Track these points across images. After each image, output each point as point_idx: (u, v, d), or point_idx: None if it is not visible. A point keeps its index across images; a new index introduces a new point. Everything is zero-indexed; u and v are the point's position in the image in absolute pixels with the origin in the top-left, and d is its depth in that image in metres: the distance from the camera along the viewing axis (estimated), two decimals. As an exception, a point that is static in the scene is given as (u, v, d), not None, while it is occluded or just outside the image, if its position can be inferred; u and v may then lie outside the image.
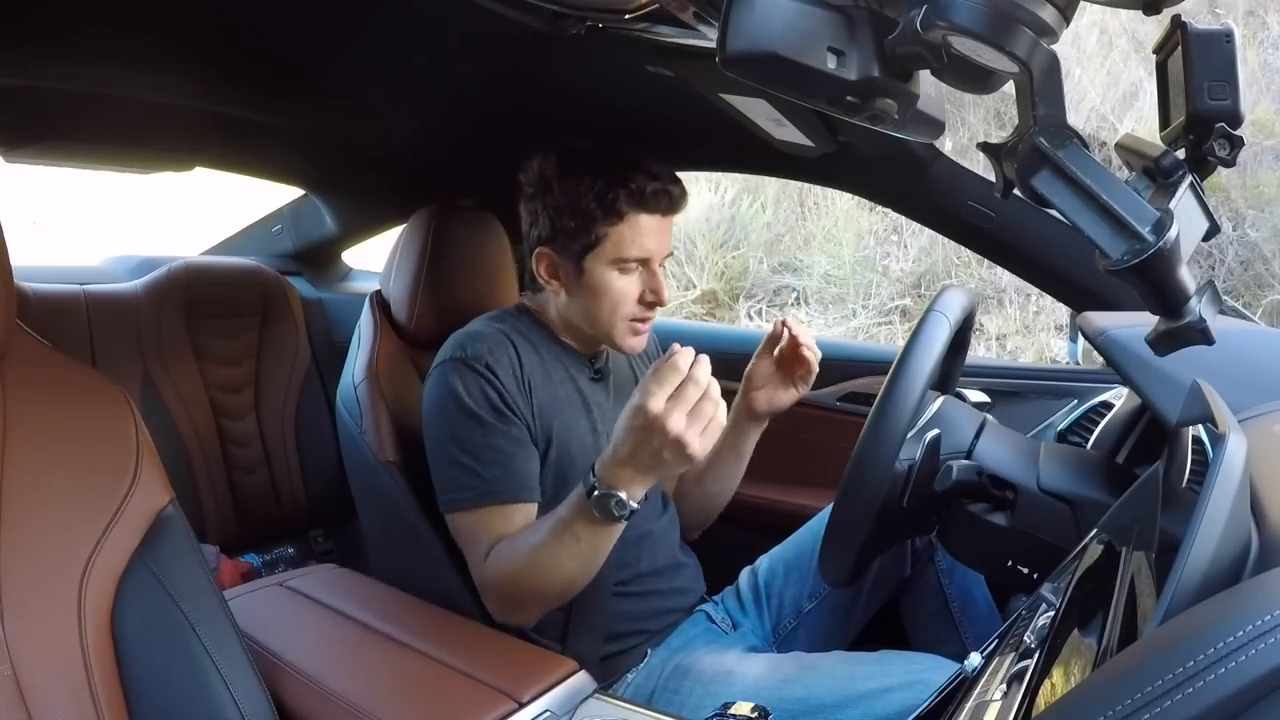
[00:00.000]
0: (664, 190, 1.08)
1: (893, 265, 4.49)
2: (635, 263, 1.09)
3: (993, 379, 1.50)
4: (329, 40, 1.15)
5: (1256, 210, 3.74)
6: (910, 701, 0.86)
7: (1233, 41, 0.52)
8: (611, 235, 1.07)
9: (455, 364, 1.08)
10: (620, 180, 1.06)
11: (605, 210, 1.06)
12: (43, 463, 0.72)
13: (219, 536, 1.82)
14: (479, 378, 1.06)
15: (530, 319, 1.19)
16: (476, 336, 1.10)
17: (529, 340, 1.14)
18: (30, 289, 1.63)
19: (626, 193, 1.06)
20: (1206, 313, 0.51)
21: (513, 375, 1.08)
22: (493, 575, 1.02)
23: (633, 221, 1.07)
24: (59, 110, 1.36)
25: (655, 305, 1.12)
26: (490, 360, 1.07)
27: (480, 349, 1.08)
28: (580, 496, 0.93)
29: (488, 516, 1.04)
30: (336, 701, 0.84)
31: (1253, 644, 0.33)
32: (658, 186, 1.07)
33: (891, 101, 0.53)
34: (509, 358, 1.09)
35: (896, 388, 0.90)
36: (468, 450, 1.05)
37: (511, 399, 1.07)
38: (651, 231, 1.08)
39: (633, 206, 1.07)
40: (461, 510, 1.05)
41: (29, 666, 0.67)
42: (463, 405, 1.05)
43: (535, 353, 1.13)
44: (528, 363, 1.11)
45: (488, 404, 1.05)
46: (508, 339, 1.11)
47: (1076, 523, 0.90)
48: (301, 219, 2.14)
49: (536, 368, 1.12)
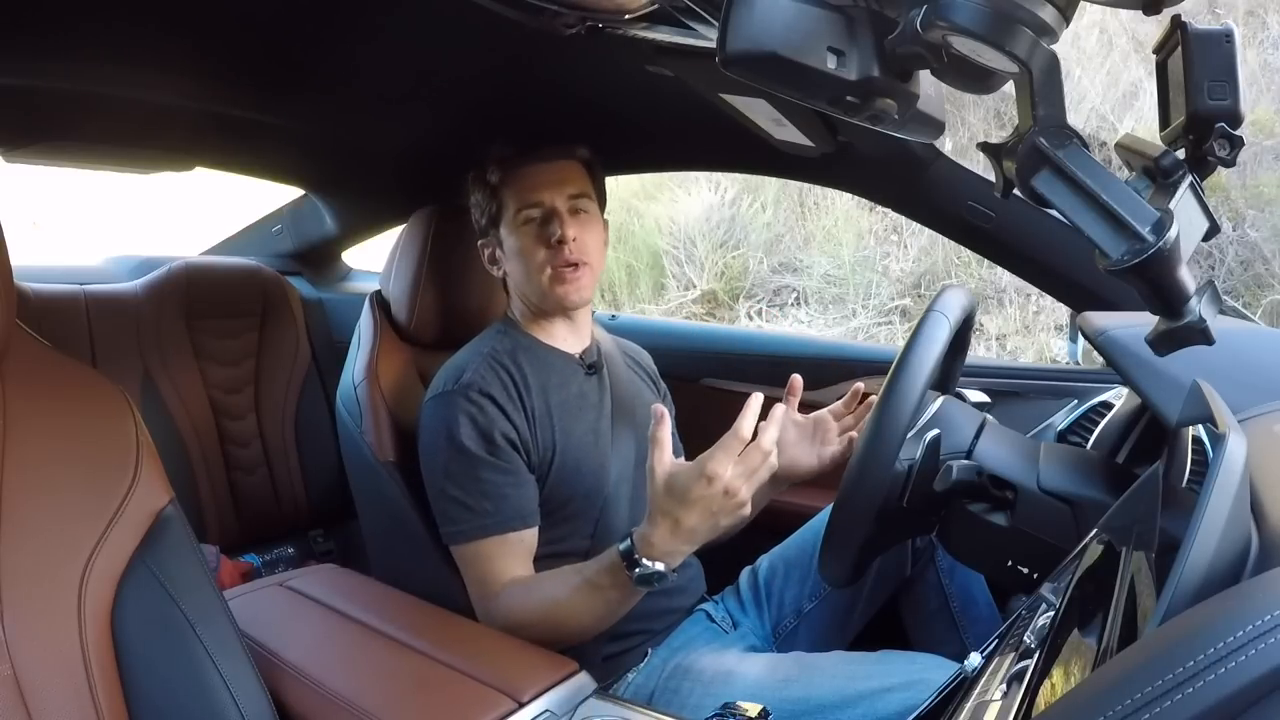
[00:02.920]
0: (529, 147, 1.16)
1: (893, 265, 4.49)
2: (534, 210, 1.15)
3: (993, 379, 1.49)
4: (329, 40, 1.15)
5: (1256, 210, 3.74)
6: (910, 701, 0.86)
7: (1233, 41, 0.52)
8: (505, 195, 1.17)
9: (447, 397, 1.09)
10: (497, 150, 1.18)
11: (495, 179, 1.17)
12: (43, 462, 0.72)
13: (219, 536, 1.82)
14: (471, 406, 1.08)
15: (515, 332, 1.20)
16: (466, 365, 1.12)
17: (517, 356, 1.15)
18: (30, 289, 1.63)
19: (499, 161, 1.17)
20: (1206, 313, 0.51)
21: (508, 397, 1.10)
22: (502, 617, 1.03)
23: (515, 176, 1.16)
24: (59, 110, 1.36)
25: (563, 244, 1.13)
26: (484, 385, 1.09)
27: (472, 377, 1.10)
28: (619, 567, 0.93)
29: (486, 549, 1.06)
30: (336, 701, 0.84)
31: (1253, 644, 0.33)
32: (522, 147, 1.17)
33: (891, 101, 0.53)
34: (501, 381, 1.10)
35: (896, 388, 0.90)
36: (459, 484, 1.07)
37: (510, 424, 1.08)
38: (534, 178, 1.15)
39: (506, 168, 1.17)
40: (459, 544, 1.08)
41: (29, 666, 0.67)
42: (453, 439, 1.07)
43: (526, 367, 1.14)
44: (521, 381, 1.12)
45: (481, 436, 1.07)
46: (496, 362, 1.13)
47: (1076, 523, 0.90)
48: (301, 219, 2.14)
49: (532, 383, 1.13)
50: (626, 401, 1.23)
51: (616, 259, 4.94)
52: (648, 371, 1.35)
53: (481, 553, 1.06)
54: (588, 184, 1.19)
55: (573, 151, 1.20)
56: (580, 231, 1.15)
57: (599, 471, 1.15)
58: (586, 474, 1.14)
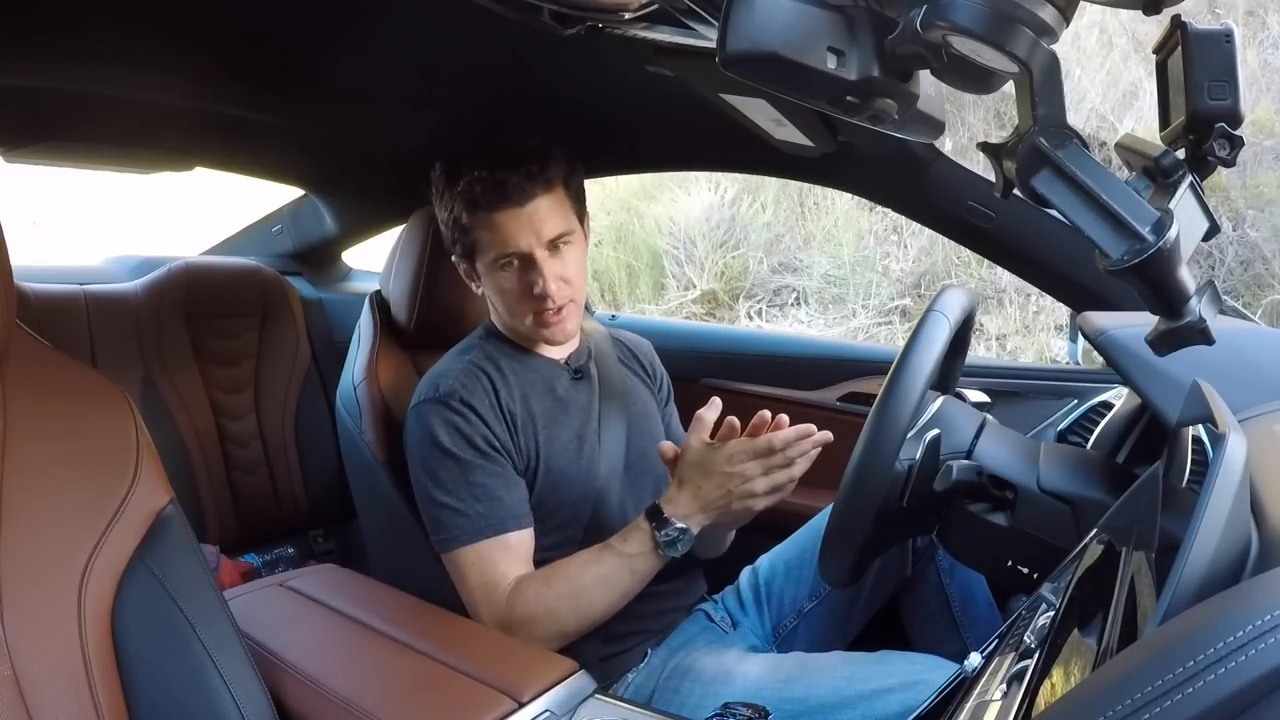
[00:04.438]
0: (496, 184, 1.05)
1: (893, 265, 4.49)
2: (511, 258, 1.08)
3: (993, 379, 1.49)
4: (329, 40, 1.15)
5: (1256, 210, 3.74)
6: (910, 702, 0.86)
7: (1233, 41, 0.52)
8: (478, 239, 1.10)
9: (430, 405, 1.08)
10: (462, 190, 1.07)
11: (465, 219, 1.08)
12: (43, 463, 0.72)
13: (219, 536, 1.82)
14: (455, 415, 1.07)
15: (498, 338, 1.19)
16: (447, 374, 1.11)
17: (500, 363, 1.14)
18: (30, 289, 1.63)
19: (466, 200, 1.07)
20: (1206, 313, 0.51)
21: (489, 405, 1.09)
22: (522, 615, 1.02)
23: (486, 222, 1.08)
24: (59, 110, 1.36)
25: (545, 298, 1.08)
26: (464, 394, 1.08)
27: (453, 385, 1.09)
28: (645, 530, 1.00)
29: (484, 551, 1.05)
30: (336, 701, 0.84)
31: (1253, 644, 0.33)
32: (488, 182, 1.05)
33: (891, 101, 0.53)
34: (483, 388, 1.09)
35: (896, 388, 0.90)
36: (449, 490, 1.05)
37: (490, 433, 1.07)
38: (508, 227, 1.06)
39: (475, 210, 1.07)
40: (455, 549, 1.06)
41: (29, 666, 0.67)
42: (440, 445, 1.06)
43: (508, 374, 1.13)
44: (502, 387, 1.11)
45: (465, 442, 1.06)
46: (479, 369, 1.11)
47: (1076, 523, 0.90)
48: (301, 219, 2.14)
49: (514, 391, 1.12)
50: (616, 400, 1.22)
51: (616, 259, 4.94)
52: (644, 364, 1.33)
53: (482, 555, 1.05)
54: (567, 212, 1.11)
55: (550, 181, 1.08)
56: (563, 268, 1.09)
57: (586, 478, 1.14)
58: (573, 481, 1.13)
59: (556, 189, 1.10)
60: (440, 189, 1.13)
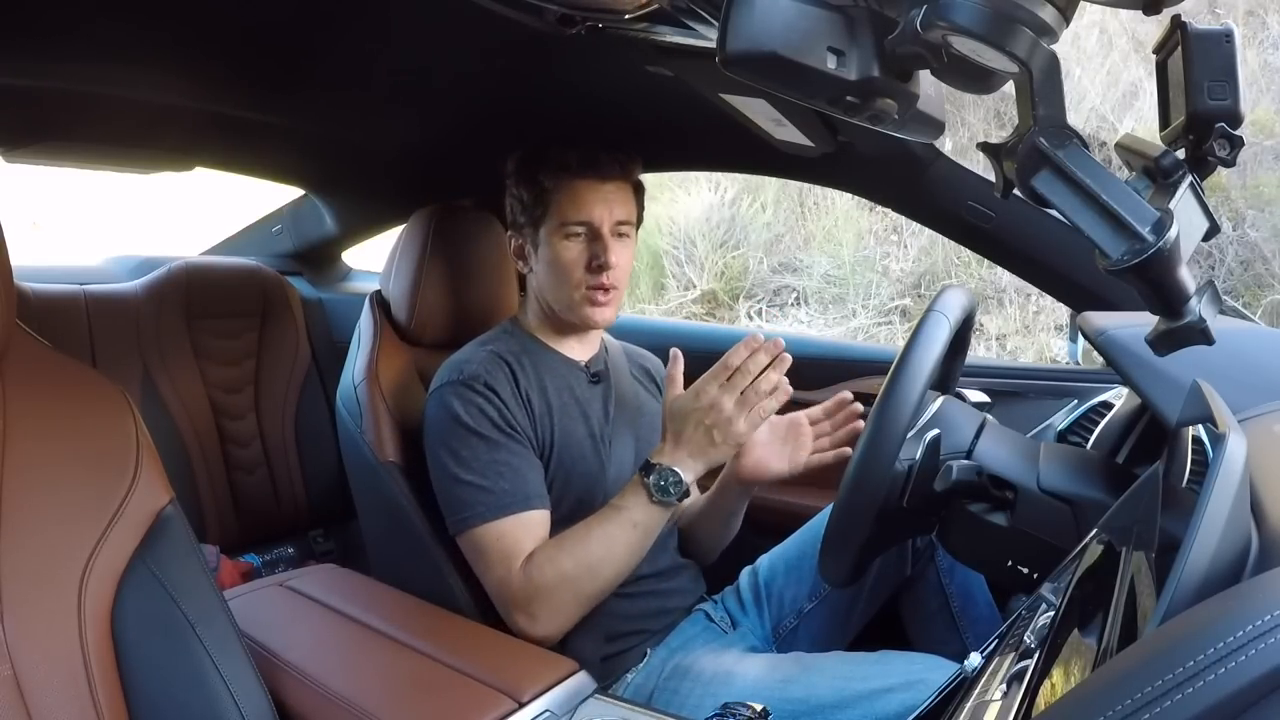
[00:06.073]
0: (590, 155, 1.13)
1: (893, 265, 4.49)
2: (579, 227, 1.14)
3: (993, 379, 1.49)
4: (329, 40, 1.15)
5: (1256, 210, 3.74)
6: (910, 702, 0.86)
7: (1233, 41, 0.52)
8: (553, 204, 1.14)
9: (452, 387, 1.10)
10: (553, 155, 1.14)
11: (548, 183, 1.14)
12: (43, 463, 0.72)
13: (219, 536, 1.82)
14: (478, 396, 1.08)
15: (520, 333, 1.21)
16: (470, 360, 1.12)
17: (521, 355, 1.15)
18: (30, 289, 1.63)
19: (557, 164, 1.14)
20: (1206, 313, 0.51)
21: (511, 392, 1.10)
22: (539, 584, 1.02)
23: (569, 188, 1.14)
24: (59, 110, 1.36)
25: (603, 270, 1.13)
26: (488, 379, 1.09)
27: (476, 370, 1.10)
28: (638, 483, 1.00)
29: (507, 528, 1.05)
30: (336, 701, 0.84)
31: (1253, 644, 0.33)
32: (584, 151, 1.14)
33: (891, 101, 0.53)
34: (505, 375, 1.11)
35: (896, 388, 0.90)
36: (472, 469, 1.06)
37: (512, 416, 1.09)
38: (587, 195, 1.13)
39: (563, 174, 1.14)
40: (475, 526, 1.05)
41: (29, 666, 0.67)
42: (464, 424, 1.07)
43: (529, 366, 1.15)
44: (523, 378, 1.12)
45: (489, 421, 1.07)
46: (500, 358, 1.13)
47: (1076, 523, 0.90)
48: (301, 219, 2.14)
49: (532, 381, 1.13)
50: (628, 411, 1.23)
51: (616, 259, 4.92)
52: (655, 379, 1.34)
53: (505, 532, 1.04)
54: (635, 208, 1.19)
55: (630, 172, 1.18)
56: (620, 257, 1.15)
57: (596, 475, 1.15)
58: (584, 475, 1.14)
59: (633, 182, 1.20)
60: (522, 161, 1.18)
